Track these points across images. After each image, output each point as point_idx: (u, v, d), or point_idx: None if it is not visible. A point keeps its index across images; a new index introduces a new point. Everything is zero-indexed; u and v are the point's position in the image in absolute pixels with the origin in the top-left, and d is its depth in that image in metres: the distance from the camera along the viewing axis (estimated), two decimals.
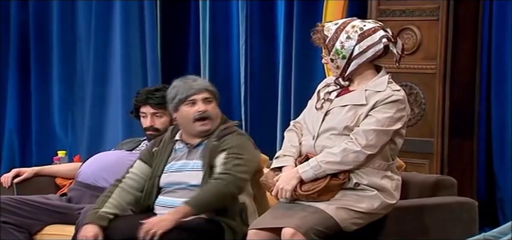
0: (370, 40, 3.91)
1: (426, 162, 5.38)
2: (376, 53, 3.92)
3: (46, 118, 7.05)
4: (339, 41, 3.91)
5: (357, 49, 3.90)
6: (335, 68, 3.97)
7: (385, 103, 3.88)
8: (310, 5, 6.11)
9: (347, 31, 3.92)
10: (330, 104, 3.98)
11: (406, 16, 5.47)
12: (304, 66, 6.13)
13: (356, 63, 3.92)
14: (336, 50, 3.92)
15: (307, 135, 4.02)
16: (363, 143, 3.85)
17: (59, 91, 7.04)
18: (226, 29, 6.54)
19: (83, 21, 6.91)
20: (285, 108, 6.22)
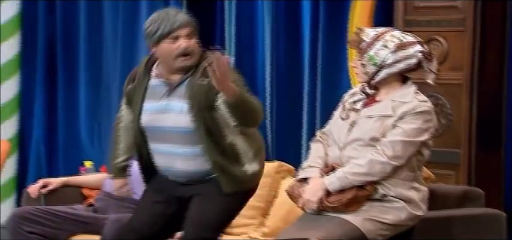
0: (405, 53, 3.91)
1: (453, 173, 5.35)
2: (408, 66, 3.93)
3: (72, 128, 7.07)
4: (375, 48, 3.91)
5: (390, 59, 3.90)
6: (364, 74, 3.96)
7: (412, 114, 3.87)
8: (336, 9, 6.09)
9: (385, 40, 3.92)
10: (356, 115, 3.97)
11: (433, 27, 5.45)
12: (330, 75, 6.11)
13: (386, 73, 3.92)
14: (369, 56, 3.92)
15: (333, 146, 4.01)
16: (389, 154, 3.83)
17: (85, 101, 7.06)
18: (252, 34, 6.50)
19: (109, 29, 6.93)
20: (310, 118, 6.19)
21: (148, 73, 4.01)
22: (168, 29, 3.88)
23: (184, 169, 3.95)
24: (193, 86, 3.88)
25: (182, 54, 3.88)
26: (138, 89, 4.01)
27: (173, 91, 3.93)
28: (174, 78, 3.94)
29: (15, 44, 7.04)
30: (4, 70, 7.02)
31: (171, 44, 3.89)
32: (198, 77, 3.88)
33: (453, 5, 5.38)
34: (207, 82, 3.82)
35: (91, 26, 6.97)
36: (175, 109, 3.91)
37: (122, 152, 4.12)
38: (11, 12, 6.99)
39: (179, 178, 4.00)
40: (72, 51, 7.03)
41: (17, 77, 7.09)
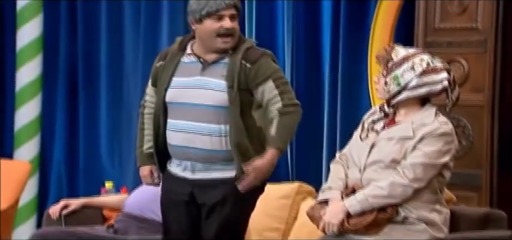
0: (430, 78, 3.91)
1: (474, 195, 5.31)
2: (431, 92, 3.93)
3: (93, 149, 7.06)
4: (402, 68, 3.91)
5: (414, 82, 3.90)
6: (385, 92, 3.95)
7: (432, 136, 3.87)
8: (356, 29, 6.08)
9: (414, 62, 3.91)
10: (376, 136, 3.96)
11: (454, 48, 5.42)
12: (350, 95, 6.07)
13: (407, 95, 3.92)
14: (394, 76, 3.92)
15: (353, 168, 4.01)
16: (410, 177, 3.83)
17: (106, 122, 7.07)
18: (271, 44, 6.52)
19: (130, 51, 6.94)
20: (330, 139, 6.15)
21: (182, 51, 4.05)
22: (215, 7, 3.93)
23: (204, 147, 3.95)
24: (234, 66, 3.93)
25: (224, 34, 3.94)
26: (169, 65, 4.04)
27: (208, 68, 3.98)
28: (209, 57, 3.98)
29: (37, 66, 7.06)
30: (26, 91, 7.05)
31: (215, 23, 3.94)
32: (239, 58, 3.94)
33: (474, 26, 5.36)
34: (249, 66, 3.92)
35: (112, 48, 6.98)
36: (209, 85, 3.96)
37: (148, 139, 4.12)
38: (33, 34, 7.01)
39: (195, 159, 3.99)
40: (93, 73, 7.05)
41: (38, 99, 7.10)
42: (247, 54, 3.96)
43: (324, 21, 6.28)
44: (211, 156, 3.98)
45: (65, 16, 7.12)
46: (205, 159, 3.98)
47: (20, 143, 7.07)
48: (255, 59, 3.96)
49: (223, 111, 3.94)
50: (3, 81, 7.14)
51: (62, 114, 7.18)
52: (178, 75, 4.02)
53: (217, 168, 4.00)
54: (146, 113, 4.16)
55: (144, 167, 4.14)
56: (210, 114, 3.94)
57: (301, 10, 6.28)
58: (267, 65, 3.98)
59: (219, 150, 3.97)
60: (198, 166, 4.01)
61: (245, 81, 3.93)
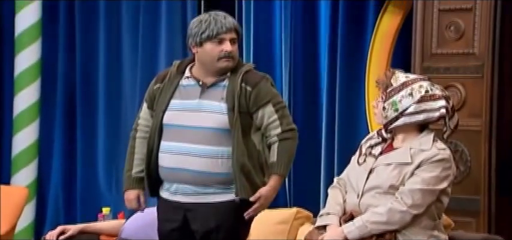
0: (428, 105, 3.92)
1: (473, 221, 5.30)
2: (428, 119, 3.94)
3: (91, 175, 7.06)
4: (401, 94, 3.92)
5: (412, 108, 3.91)
6: (383, 117, 3.96)
7: (430, 162, 3.87)
8: (353, 56, 6.10)
9: (412, 88, 3.93)
10: (374, 161, 3.96)
11: (451, 73, 5.42)
12: (347, 121, 6.10)
13: (403, 121, 3.93)
14: (392, 101, 3.93)
15: (351, 193, 4.00)
16: (409, 203, 3.83)
17: (103, 148, 7.07)
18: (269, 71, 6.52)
19: (128, 76, 6.95)
20: (328, 164, 6.16)
21: (180, 74, 4.06)
22: (216, 31, 3.96)
23: (198, 169, 3.94)
24: (234, 88, 3.96)
25: (224, 57, 3.96)
26: (167, 88, 4.05)
27: (207, 91, 4.00)
28: (208, 80, 4.00)
29: (35, 91, 7.07)
30: (24, 117, 7.05)
31: (215, 47, 3.97)
32: (239, 80, 3.97)
33: (470, 51, 5.37)
34: (250, 89, 3.96)
35: (110, 73, 7.00)
36: (208, 108, 3.97)
37: (138, 163, 4.12)
38: (31, 60, 7.03)
39: (186, 181, 3.98)
40: (90, 98, 7.06)
41: (36, 124, 7.11)
42: (246, 77, 3.99)
43: (322, 47, 6.30)
44: (205, 178, 3.97)
45: (63, 41, 7.14)
46: (198, 182, 3.97)
47: (18, 168, 7.07)
48: (255, 82, 3.99)
49: (222, 133, 3.95)
50: (1, 106, 7.15)
51: (60, 139, 7.19)
52: (177, 98, 4.03)
53: (210, 192, 3.99)
54: (138, 137, 4.15)
55: (131, 191, 4.13)
56: (209, 136, 3.95)
57: (299, 36, 6.31)
58: (266, 89, 4.01)
59: (215, 172, 3.97)
60: (190, 189, 4.00)
61: (245, 104, 3.96)
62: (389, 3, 5.90)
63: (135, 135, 4.16)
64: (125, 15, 6.90)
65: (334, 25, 6.12)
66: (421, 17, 5.43)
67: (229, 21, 4.00)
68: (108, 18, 6.97)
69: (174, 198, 4.05)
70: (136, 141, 4.14)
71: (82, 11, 7.04)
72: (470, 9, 5.31)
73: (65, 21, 7.12)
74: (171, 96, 4.03)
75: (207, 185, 3.99)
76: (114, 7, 6.94)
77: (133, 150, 4.15)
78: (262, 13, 6.44)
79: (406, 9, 5.84)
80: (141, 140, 4.13)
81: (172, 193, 4.05)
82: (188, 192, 4.01)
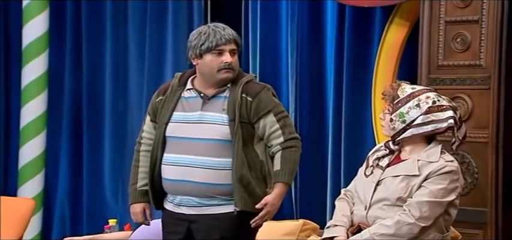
0: (436, 116, 3.93)
1: (480, 233, 5.28)
2: (436, 129, 3.94)
3: (97, 186, 7.06)
4: (408, 106, 3.93)
5: (419, 119, 3.91)
6: (390, 129, 3.96)
7: (438, 174, 3.87)
8: (360, 70, 6.09)
9: (419, 99, 3.94)
10: (381, 173, 3.96)
11: (457, 85, 5.40)
12: (354, 132, 6.07)
13: (411, 132, 3.93)
14: (399, 113, 3.94)
15: (358, 205, 4.00)
16: (416, 215, 3.83)
17: (110, 158, 7.07)
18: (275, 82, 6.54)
19: (134, 88, 6.95)
20: (334, 175, 6.14)
21: (182, 86, 4.07)
22: (215, 43, 3.97)
23: (201, 181, 3.94)
24: (235, 99, 3.96)
25: (224, 68, 3.97)
26: (170, 100, 4.06)
27: (208, 103, 4.00)
28: (209, 92, 4.00)
29: (41, 102, 7.07)
30: (30, 128, 7.05)
31: (215, 58, 3.98)
32: (240, 91, 3.97)
33: (477, 63, 5.35)
34: (250, 99, 3.96)
35: (116, 84, 7.00)
36: (210, 120, 3.98)
37: (143, 176, 4.12)
38: (38, 71, 7.03)
39: (190, 193, 3.98)
40: (97, 110, 7.06)
41: (42, 135, 7.10)
42: (247, 87, 4.00)
43: (328, 58, 6.30)
44: (208, 189, 3.96)
45: (70, 53, 7.15)
46: (202, 193, 3.97)
47: (24, 180, 7.06)
48: (256, 92, 4.00)
49: (225, 144, 3.95)
50: (8, 117, 7.17)
51: (66, 150, 7.19)
52: (179, 110, 4.04)
53: (214, 203, 3.99)
54: (142, 150, 4.15)
55: (137, 204, 4.13)
56: (211, 148, 3.95)
57: (305, 48, 6.31)
58: (267, 99, 4.02)
59: (218, 184, 3.96)
60: (194, 201, 3.99)
61: (246, 115, 3.96)
62: (396, 14, 5.89)
63: (139, 149, 4.17)
64: (131, 26, 6.91)
65: (340, 36, 6.11)
66: (428, 28, 5.42)
67: (228, 33, 4.01)
68: (114, 29, 6.98)
69: (178, 210, 4.05)
70: (141, 154, 4.15)
71: (89, 23, 7.04)
72: (477, 21, 5.29)
73: (72, 32, 7.13)
74: (173, 109, 4.04)
75: (210, 197, 3.98)
76: (121, 18, 6.95)
77: (138, 163, 4.15)
78: (268, 23, 6.44)
79: (412, 21, 5.83)
80: (145, 152, 4.13)
81: (176, 205, 4.05)
82: (192, 204, 4.00)
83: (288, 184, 4.00)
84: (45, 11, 6.99)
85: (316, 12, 6.27)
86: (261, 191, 3.98)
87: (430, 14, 5.42)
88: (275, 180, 3.96)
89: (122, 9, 6.92)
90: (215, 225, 3.97)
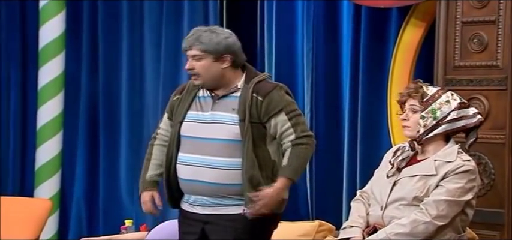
0: (466, 112, 3.95)
1: (497, 234, 5.26)
2: (467, 125, 3.95)
3: (113, 187, 7.05)
4: (439, 101, 3.94)
5: (452, 115, 3.92)
6: (420, 126, 3.93)
7: (455, 173, 3.86)
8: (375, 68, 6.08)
9: (447, 96, 3.95)
10: (398, 174, 3.95)
11: (474, 85, 5.38)
12: (370, 133, 6.06)
13: (444, 128, 3.93)
14: (432, 109, 3.93)
15: (374, 205, 3.99)
16: (433, 214, 3.81)
17: (126, 159, 7.07)
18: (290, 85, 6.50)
19: (151, 89, 6.96)
20: (350, 176, 6.12)
21: (198, 86, 4.08)
22: (183, 48, 4.04)
23: (212, 181, 3.94)
24: (245, 99, 3.96)
25: (192, 75, 4.01)
26: (186, 99, 4.08)
27: (218, 103, 4.01)
28: (219, 92, 4.03)
29: (58, 103, 7.08)
30: (47, 129, 7.06)
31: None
32: (250, 91, 3.96)
33: (494, 64, 5.33)
34: (261, 99, 3.94)
35: (132, 85, 7.01)
36: (221, 120, 3.98)
37: (154, 167, 4.15)
38: (55, 72, 7.05)
39: (203, 193, 3.98)
40: (113, 111, 7.06)
41: (59, 136, 7.12)
42: (258, 87, 3.98)
43: (344, 58, 6.28)
44: (219, 189, 3.96)
45: (87, 54, 7.16)
46: (214, 193, 3.97)
47: (41, 181, 7.08)
48: (267, 92, 3.98)
49: (235, 144, 3.95)
50: (25, 118, 7.18)
51: (83, 151, 7.19)
52: (193, 110, 4.05)
53: (227, 203, 3.99)
54: (156, 144, 4.17)
55: (146, 192, 4.14)
56: (222, 148, 3.95)
57: (321, 49, 6.29)
58: (279, 98, 3.99)
59: (230, 184, 3.96)
60: (208, 201, 4.00)
61: (256, 114, 3.95)
62: (412, 14, 5.87)
63: (153, 143, 4.20)
64: (148, 26, 6.91)
65: (356, 36, 6.09)
66: (444, 29, 5.41)
67: (187, 39, 4.02)
68: (130, 29, 6.98)
69: (192, 210, 4.06)
70: (154, 148, 4.18)
71: (105, 24, 7.05)
72: (494, 22, 5.27)
73: (88, 34, 7.14)
74: (188, 108, 4.06)
75: (223, 197, 3.98)
76: (137, 19, 6.96)
77: (150, 156, 4.18)
78: (283, 22, 6.43)
79: (428, 21, 5.81)
80: (158, 147, 4.16)
81: (191, 205, 4.06)
82: (206, 203, 4.01)
83: (291, 180, 3.95)
84: (62, 12, 7.01)
85: (332, 12, 6.27)
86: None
87: (446, 15, 5.41)
88: (280, 174, 3.94)
89: (138, 10, 6.93)
90: (229, 226, 3.97)
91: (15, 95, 7.14)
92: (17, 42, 7.11)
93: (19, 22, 7.11)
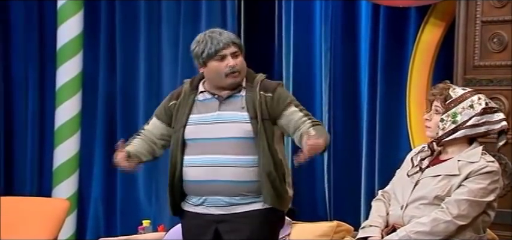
0: (490, 117, 3.90)
1: None
2: (489, 131, 3.92)
3: (131, 187, 7.05)
4: (461, 106, 3.89)
5: (473, 120, 3.88)
6: (439, 129, 3.91)
7: (479, 174, 3.83)
8: (394, 69, 6.08)
9: (472, 100, 3.90)
10: (421, 174, 3.92)
11: (494, 85, 5.35)
12: (388, 135, 6.06)
13: (464, 133, 3.90)
14: (453, 113, 3.90)
15: (395, 205, 3.96)
16: (454, 213, 3.78)
17: None
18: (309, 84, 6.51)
19: (168, 91, 6.94)
20: (369, 177, 6.11)
21: (194, 91, 4.08)
22: (214, 49, 3.97)
23: (230, 178, 3.95)
24: (254, 97, 3.98)
25: (230, 72, 3.98)
26: (184, 104, 4.06)
27: (225, 103, 4.01)
28: (223, 93, 4.03)
29: (76, 103, 7.09)
30: (65, 129, 7.06)
31: (219, 64, 3.98)
32: (258, 89, 4.00)
33: None
34: (270, 95, 3.98)
35: (150, 85, 7.01)
36: (229, 119, 3.98)
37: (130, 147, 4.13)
38: (73, 72, 7.05)
39: (219, 192, 3.98)
40: (131, 110, 7.06)
41: (77, 136, 7.12)
42: (264, 85, 4.03)
43: (362, 59, 6.27)
44: (237, 187, 3.97)
45: (104, 54, 7.16)
46: (231, 192, 3.97)
47: (59, 181, 7.07)
48: (273, 88, 4.03)
49: (247, 142, 3.96)
50: (43, 119, 7.18)
51: (100, 151, 7.19)
52: (195, 113, 4.04)
53: (243, 202, 4.00)
54: (138, 137, 4.17)
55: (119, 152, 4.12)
56: (235, 146, 3.96)
57: (339, 50, 6.29)
58: (285, 93, 4.08)
59: (247, 181, 3.97)
60: (223, 201, 3.99)
61: (267, 111, 3.98)
62: (431, 14, 5.86)
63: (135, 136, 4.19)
64: (165, 26, 6.91)
65: (374, 36, 6.09)
66: (464, 28, 5.39)
67: (225, 37, 4.02)
68: (148, 30, 6.98)
69: (205, 211, 4.04)
70: (136, 139, 4.17)
71: (123, 24, 7.06)
72: None
73: (106, 34, 7.15)
74: (189, 112, 4.04)
75: (240, 195, 3.99)
76: (155, 19, 6.96)
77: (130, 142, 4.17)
78: (301, 22, 6.43)
79: (448, 21, 5.80)
80: (139, 139, 4.16)
81: (204, 206, 4.05)
82: (220, 203, 4.01)
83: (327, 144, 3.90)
84: (79, 12, 7.01)
85: (351, 12, 6.26)
86: (283, 190, 4.01)
87: (466, 14, 5.40)
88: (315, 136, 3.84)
89: (155, 10, 6.93)
90: (243, 223, 3.98)
91: (33, 95, 7.16)
92: (34, 42, 7.13)
93: (37, 22, 7.13)
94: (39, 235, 5.64)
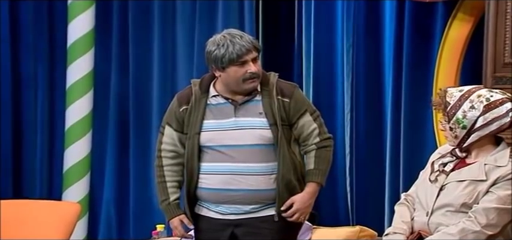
0: (496, 112, 3.78)
1: None
2: (501, 126, 3.79)
3: (144, 190, 6.97)
4: (462, 109, 3.80)
5: (480, 120, 3.78)
6: (453, 138, 3.84)
7: (507, 179, 3.71)
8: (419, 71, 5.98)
9: (472, 100, 3.80)
10: (445, 178, 3.84)
11: None
12: (413, 135, 5.98)
13: (477, 135, 3.79)
14: (456, 119, 3.80)
15: (419, 211, 3.86)
16: (483, 223, 3.67)
17: None
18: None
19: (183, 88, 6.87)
20: (393, 180, 6.04)
21: (205, 94, 4.03)
22: (236, 54, 3.93)
23: (250, 187, 3.95)
24: (272, 102, 3.99)
25: (250, 78, 3.97)
26: (196, 109, 4.03)
27: (241, 108, 3.99)
28: (238, 98, 4.01)
29: (87, 103, 7.02)
30: (75, 129, 7.01)
31: (239, 69, 3.95)
32: (275, 94, 4.00)
33: None
34: (287, 100, 4.00)
35: (164, 85, 6.93)
36: (247, 125, 3.97)
37: (173, 190, 4.09)
38: (83, 71, 6.98)
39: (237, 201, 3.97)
40: (144, 111, 7.00)
41: (88, 137, 7.06)
42: (280, 88, 4.03)
43: (386, 56, 6.21)
44: (255, 196, 3.98)
45: (117, 52, 7.10)
46: (250, 201, 3.98)
47: (69, 184, 7.00)
48: (291, 92, 4.04)
49: (266, 148, 3.97)
50: (53, 119, 7.13)
51: (112, 153, 7.14)
52: (210, 118, 4.01)
53: (260, 208, 4.00)
54: (165, 165, 4.13)
55: (175, 218, 4.10)
56: (254, 153, 3.96)
57: (362, 45, 6.23)
58: (302, 98, 4.10)
59: (266, 189, 3.98)
60: (241, 210, 3.99)
61: (285, 116, 4.00)
62: (459, 9, 5.78)
63: (161, 164, 4.11)
64: (180, 26, 6.84)
65: (399, 32, 6.02)
66: (494, 24, 5.33)
67: (247, 41, 3.97)
68: (162, 28, 6.93)
69: (222, 217, 4.04)
70: (165, 169, 4.10)
71: (136, 20, 7.00)
72: None
73: (119, 30, 7.08)
74: (202, 117, 4.01)
75: (258, 203, 4.00)
76: (169, 16, 6.89)
77: (164, 179, 4.10)
78: (322, 20, 6.36)
79: (477, 16, 5.71)
80: (169, 167, 4.10)
81: (220, 212, 4.04)
82: (238, 212, 4.02)
83: (321, 185, 4.05)
84: (91, 8, 6.93)
85: (374, 6, 6.19)
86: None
87: (495, 10, 5.35)
88: (308, 179, 4.03)
89: (170, 8, 6.86)
90: (260, 228, 4.00)
91: (42, 94, 7.09)
92: (44, 39, 7.06)
93: (47, 18, 7.06)
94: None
